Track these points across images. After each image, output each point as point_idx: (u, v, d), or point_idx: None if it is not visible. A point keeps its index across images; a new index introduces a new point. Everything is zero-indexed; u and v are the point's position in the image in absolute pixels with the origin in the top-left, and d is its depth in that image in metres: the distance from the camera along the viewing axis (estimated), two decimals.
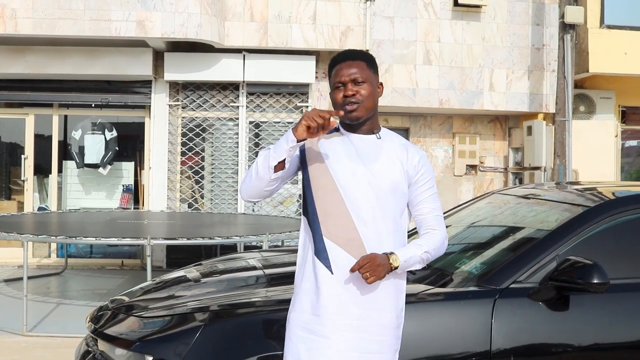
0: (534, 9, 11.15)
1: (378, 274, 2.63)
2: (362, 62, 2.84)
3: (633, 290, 3.48)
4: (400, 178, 2.81)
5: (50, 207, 11.19)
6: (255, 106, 10.94)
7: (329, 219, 2.76)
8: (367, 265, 2.61)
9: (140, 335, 3.35)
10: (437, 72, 10.78)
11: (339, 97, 2.82)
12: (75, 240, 7.20)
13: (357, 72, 2.80)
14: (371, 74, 2.85)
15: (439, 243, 2.85)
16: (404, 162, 2.83)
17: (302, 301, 2.78)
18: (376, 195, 2.75)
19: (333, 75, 2.87)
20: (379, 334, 2.73)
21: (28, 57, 10.25)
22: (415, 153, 2.88)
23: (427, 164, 2.92)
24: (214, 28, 9.91)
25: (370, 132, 2.86)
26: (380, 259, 2.65)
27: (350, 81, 2.79)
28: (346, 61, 2.84)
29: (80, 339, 4.05)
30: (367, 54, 2.92)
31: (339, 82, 2.82)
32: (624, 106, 12.15)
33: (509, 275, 3.37)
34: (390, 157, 2.82)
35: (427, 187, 2.88)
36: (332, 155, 2.81)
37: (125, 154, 11.52)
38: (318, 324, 2.71)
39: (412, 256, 2.75)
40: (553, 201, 4.29)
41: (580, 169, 11.21)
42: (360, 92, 2.79)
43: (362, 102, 2.79)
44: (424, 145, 11.50)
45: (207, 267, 4.71)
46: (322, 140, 2.84)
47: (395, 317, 2.79)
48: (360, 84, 2.80)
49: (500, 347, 3.19)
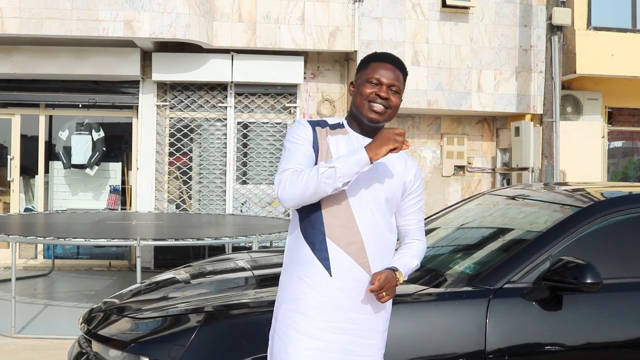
0: (522, 10, 11.20)
1: (392, 294, 2.68)
2: (402, 75, 2.84)
3: (626, 290, 3.51)
4: (397, 187, 2.83)
5: (37, 208, 11.13)
6: (244, 107, 10.93)
7: (333, 219, 2.72)
8: (387, 287, 2.64)
9: (135, 336, 3.34)
10: (426, 73, 10.80)
11: (368, 91, 2.77)
12: (63, 241, 7.16)
13: (397, 80, 2.79)
14: (403, 89, 2.86)
15: (423, 254, 2.94)
16: (401, 172, 2.85)
17: (293, 299, 2.73)
18: (376, 201, 2.76)
19: (371, 69, 2.81)
20: (368, 337, 2.73)
21: (15, 57, 10.18)
22: (412, 165, 2.91)
23: (420, 176, 2.96)
24: (202, 28, 9.88)
25: (373, 136, 2.81)
26: (392, 279, 2.68)
27: (388, 85, 2.77)
28: (390, 64, 2.82)
29: (69, 340, 4.04)
30: (406, 68, 2.91)
31: (376, 79, 2.77)
32: (610, 107, 12.24)
33: (503, 276, 3.39)
34: (391, 165, 2.83)
35: (418, 200, 2.93)
36: (337, 154, 2.77)
37: (113, 155, 11.47)
38: (307, 324, 2.68)
39: (408, 270, 2.82)
40: (544, 202, 4.30)
41: (568, 169, 11.27)
42: (393, 100, 2.78)
43: (389, 110, 2.79)
44: (412, 146, 11.51)
45: (197, 269, 4.71)
46: (330, 136, 2.81)
47: (384, 321, 2.81)
48: (395, 93, 2.79)
49: (494, 346, 3.20)
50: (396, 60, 2.86)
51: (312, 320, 2.68)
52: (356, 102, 2.80)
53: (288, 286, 2.79)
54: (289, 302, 2.75)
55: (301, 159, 2.73)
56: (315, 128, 2.82)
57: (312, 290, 2.70)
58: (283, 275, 2.85)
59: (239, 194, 10.89)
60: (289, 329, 2.71)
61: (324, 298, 2.69)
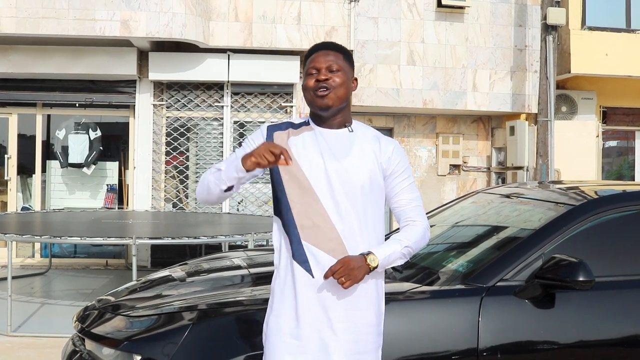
0: (517, 10, 11.24)
1: (354, 278, 2.56)
2: (340, 54, 2.78)
3: (618, 288, 3.51)
4: (375, 170, 2.73)
5: (34, 206, 11.13)
6: (240, 106, 10.94)
7: (306, 220, 2.68)
8: (341, 270, 2.54)
9: (128, 334, 3.33)
10: (421, 72, 10.83)
11: (311, 82, 2.73)
12: (60, 240, 7.17)
13: (333, 60, 2.74)
14: (347, 65, 2.78)
15: (419, 235, 2.77)
16: (377, 154, 2.75)
17: (282, 306, 2.71)
18: (352, 191, 2.68)
19: (308, 62, 2.79)
20: (362, 333, 2.69)
21: (11, 57, 10.19)
22: (389, 144, 2.80)
23: (401, 153, 2.83)
24: (198, 28, 9.90)
25: (341, 126, 2.79)
26: (355, 261, 2.58)
27: (325, 68, 2.72)
28: (324, 50, 2.79)
29: (65, 338, 4.03)
30: (345, 48, 2.86)
31: (313, 68, 2.74)
32: (604, 107, 12.27)
33: (496, 274, 3.38)
34: (363, 150, 2.74)
35: (404, 178, 2.80)
36: (303, 152, 2.73)
37: (110, 154, 11.48)
38: (300, 329, 2.65)
39: (391, 253, 2.68)
40: (537, 200, 4.31)
41: (562, 168, 11.32)
42: (334, 79, 2.71)
43: (333, 89, 2.70)
44: (407, 145, 11.54)
45: (193, 267, 4.69)
46: (292, 137, 2.77)
47: (377, 316, 2.75)
48: (334, 72, 2.72)
49: (487, 344, 3.20)
50: (330, 43, 2.84)
51: (303, 324, 2.66)
52: (306, 98, 2.77)
53: (275, 292, 2.77)
54: (277, 307, 2.73)
55: None
56: (273, 134, 2.79)
57: (299, 294, 2.67)
58: (273, 280, 2.82)
59: (236, 193, 10.89)
60: (282, 335, 2.69)
61: (311, 301, 2.66)
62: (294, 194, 2.71)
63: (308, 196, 2.68)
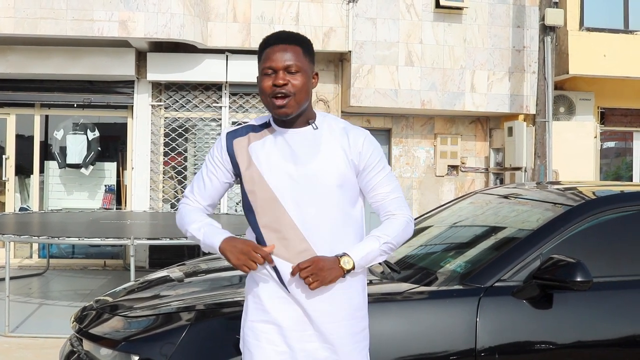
0: (515, 11, 11.24)
1: (322, 279, 2.44)
2: (299, 48, 2.54)
3: (615, 288, 3.51)
4: (345, 169, 2.55)
5: (32, 207, 11.12)
6: (238, 107, 10.94)
7: (273, 234, 2.53)
8: (310, 269, 2.43)
9: (126, 334, 3.32)
10: (419, 73, 10.83)
11: (267, 85, 2.50)
12: (58, 240, 7.16)
13: (291, 59, 2.50)
14: (307, 62, 2.56)
15: (400, 228, 2.60)
16: (346, 150, 2.56)
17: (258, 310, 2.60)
18: (321, 194, 2.52)
19: (263, 58, 2.54)
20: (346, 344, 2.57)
21: (9, 57, 10.18)
22: (358, 136, 2.59)
23: (373, 144, 2.62)
24: (196, 28, 9.90)
25: (305, 124, 2.60)
26: (326, 262, 2.46)
27: (282, 68, 2.49)
28: (280, 44, 2.53)
29: (63, 339, 4.02)
30: (304, 39, 2.61)
31: (269, 68, 2.50)
32: (602, 107, 12.29)
33: (493, 274, 3.38)
34: (331, 148, 2.55)
35: (378, 170, 2.60)
36: (265, 159, 2.57)
37: (108, 154, 11.47)
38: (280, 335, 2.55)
39: (369, 252, 2.53)
40: (535, 201, 4.31)
41: (560, 169, 11.32)
42: (293, 83, 2.48)
43: (293, 96, 2.48)
44: (406, 145, 11.55)
45: (191, 267, 4.69)
46: (253, 143, 2.61)
47: (359, 321, 2.63)
48: (293, 74, 2.50)
49: (485, 344, 3.20)
50: (287, 35, 2.58)
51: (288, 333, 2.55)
52: (263, 101, 2.58)
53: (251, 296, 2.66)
54: (253, 313, 2.62)
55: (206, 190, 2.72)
56: (233, 142, 2.64)
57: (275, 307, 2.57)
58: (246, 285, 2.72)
59: (234, 194, 10.90)
60: (258, 340, 2.59)
61: (288, 313, 2.55)
62: (260, 206, 2.57)
63: (274, 207, 2.53)
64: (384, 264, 3.85)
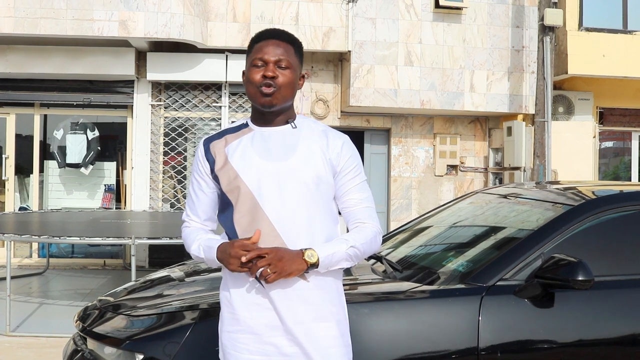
0: (514, 11, 11.26)
1: (281, 270, 2.37)
2: (291, 47, 2.56)
3: (617, 287, 3.51)
4: (323, 169, 2.52)
5: (32, 207, 11.13)
6: (238, 106, 10.96)
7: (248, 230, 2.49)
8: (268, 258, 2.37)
9: (130, 333, 3.31)
10: (419, 73, 10.84)
11: (256, 76, 2.50)
12: (59, 240, 7.16)
13: (283, 54, 2.52)
14: (297, 61, 2.57)
15: (368, 238, 2.54)
16: (325, 151, 2.54)
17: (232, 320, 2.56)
18: (297, 191, 2.49)
19: (254, 50, 2.55)
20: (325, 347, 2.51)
21: (9, 57, 10.19)
22: (337, 139, 2.59)
23: (352, 149, 2.61)
24: (196, 28, 9.91)
25: (284, 123, 2.59)
26: (287, 253, 2.40)
27: (273, 62, 2.50)
28: (273, 39, 2.55)
29: (64, 338, 4.03)
30: (296, 39, 2.62)
31: (260, 59, 2.51)
32: (601, 107, 12.30)
33: (495, 273, 3.38)
34: (309, 148, 2.53)
35: (353, 176, 2.58)
36: (240, 156, 2.54)
37: (107, 154, 11.48)
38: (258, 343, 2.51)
39: (334, 252, 2.46)
40: (536, 200, 4.31)
41: (559, 169, 11.34)
42: (282, 78, 2.50)
43: (280, 89, 2.49)
44: (405, 145, 11.57)
45: (191, 267, 4.68)
46: (230, 144, 2.59)
47: (337, 325, 2.56)
48: (283, 69, 2.51)
49: (487, 343, 3.20)
50: (281, 32, 2.60)
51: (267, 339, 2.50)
52: (249, 91, 2.56)
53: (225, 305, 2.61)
54: (229, 323, 2.58)
55: (199, 206, 2.69)
56: (210, 146, 2.64)
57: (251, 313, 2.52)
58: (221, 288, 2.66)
59: None
60: (237, 352, 2.54)
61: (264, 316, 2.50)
62: (235, 203, 2.53)
63: (249, 204, 2.49)
64: (386, 263, 3.87)
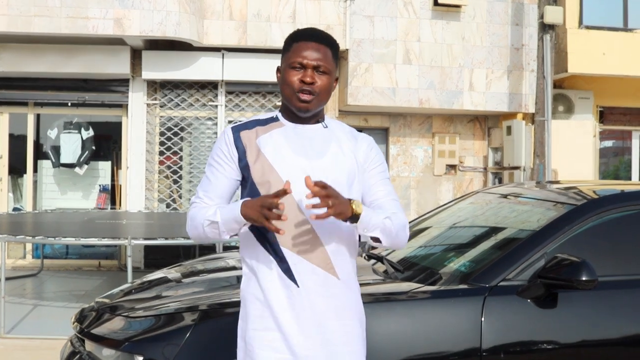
0: (514, 9, 11.21)
1: (335, 207, 2.32)
2: (329, 51, 2.56)
3: (620, 287, 3.50)
4: (354, 167, 2.58)
5: (25, 207, 11.06)
6: (234, 105, 10.89)
7: (283, 225, 2.41)
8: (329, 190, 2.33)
9: (129, 335, 3.29)
10: (417, 71, 10.78)
11: (294, 79, 2.51)
12: (54, 240, 7.10)
13: (323, 59, 2.52)
14: (334, 64, 2.58)
15: (401, 225, 2.55)
16: (354, 150, 2.60)
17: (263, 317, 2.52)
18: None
19: (293, 51, 2.55)
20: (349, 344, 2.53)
21: (3, 55, 10.11)
22: (364, 139, 2.67)
23: (376, 148, 2.69)
24: (192, 26, 9.83)
25: (315, 122, 2.62)
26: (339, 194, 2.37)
27: (312, 67, 2.50)
28: (313, 42, 2.54)
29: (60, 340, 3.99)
30: (335, 41, 2.62)
31: (298, 63, 2.51)
32: (601, 106, 12.28)
33: (498, 273, 3.37)
34: (341, 147, 2.59)
35: (379, 171, 2.65)
36: (276, 151, 2.54)
37: (102, 154, 11.40)
38: (285, 343, 2.48)
39: (374, 216, 2.47)
40: (537, 200, 4.29)
41: (559, 168, 11.29)
42: (319, 83, 2.51)
43: (318, 95, 2.51)
44: (403, 145, 11.50)
45: (188, 268, 4.67)
46: (261, 136, 2.59)
47: (360, 324, 2.61)
48: (321, 74, 2.51)
49: (490, 344, 3.19)
50: (321, 34, 2.59)
51: (288, 337, 2.48)
52: (284, 92, 2.57)
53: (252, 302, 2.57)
54: (257, 322, 2.54)
55: (215, 189, 2.61)
56: (240, 134, 2.61)
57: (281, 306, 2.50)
58: (244, 284, 2.62)
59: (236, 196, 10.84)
60: (263, 350, 2.50)
61: (297, 312, 2.48)
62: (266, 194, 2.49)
63: (284, 199, 2.41)
64: (387, 263, 3.84)
